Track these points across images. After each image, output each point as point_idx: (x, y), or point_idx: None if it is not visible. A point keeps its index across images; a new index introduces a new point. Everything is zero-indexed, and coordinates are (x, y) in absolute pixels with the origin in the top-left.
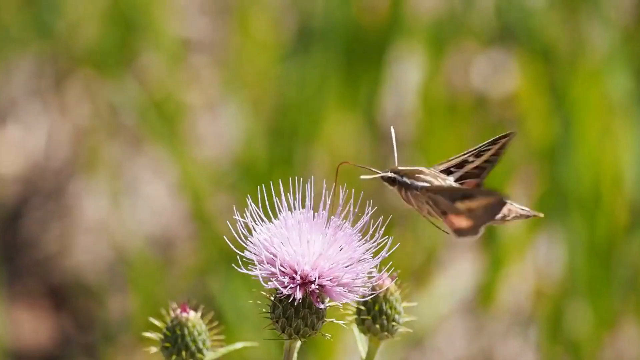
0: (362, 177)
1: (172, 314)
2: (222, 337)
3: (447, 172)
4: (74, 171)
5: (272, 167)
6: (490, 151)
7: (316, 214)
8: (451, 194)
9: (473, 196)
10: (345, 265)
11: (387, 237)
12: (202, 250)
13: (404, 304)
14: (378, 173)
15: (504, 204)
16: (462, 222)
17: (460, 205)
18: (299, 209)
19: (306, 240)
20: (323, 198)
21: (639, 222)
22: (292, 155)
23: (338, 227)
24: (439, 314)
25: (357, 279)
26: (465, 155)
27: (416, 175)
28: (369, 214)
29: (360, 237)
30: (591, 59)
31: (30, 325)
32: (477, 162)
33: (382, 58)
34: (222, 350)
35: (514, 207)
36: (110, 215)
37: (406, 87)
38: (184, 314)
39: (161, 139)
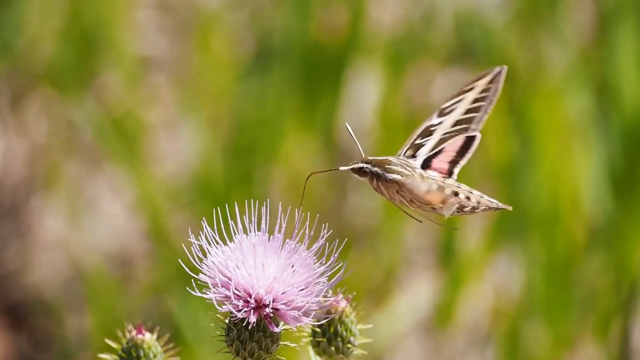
0: (341, 168)
1: (127, 335)
2: (178, 358)
3: (417, 146)
4: (32, 189)
5: (230, 185)
6: (471, 93)
7: (272, 236)
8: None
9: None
10: (300, 288)
11: (342, 260)
12: (160, 268)
13: (360, 326)
14: (347, 167)
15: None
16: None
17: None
18: (255, 232)
19: (261, 264)
20: (279, 221)
21: (597, 241)
22: (250, 174)
23: (293, 250)
24: (398, 333)
25: (311, 302)
26: (426, 122)
27: (386, 165)
28: (324, 237)
29: (316, 260)
30: (550, 78)
31: None
32: (451, 118)
33: (341, 76)
34: None
35: (483, 199)
36: (69, 233)
37: (365, 106)
38: (140, 336)
39: (120, 157)
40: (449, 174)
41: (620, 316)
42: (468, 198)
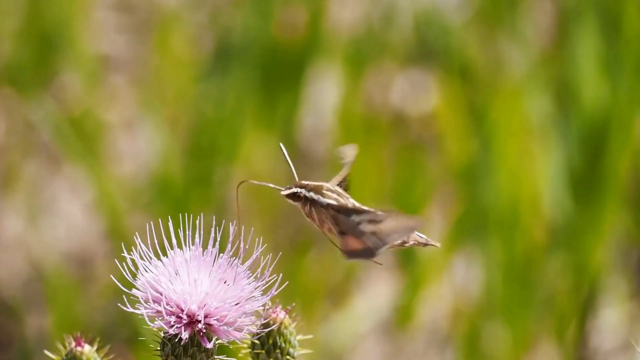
0: (251, 181)
1: (67, 347)
2: None
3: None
4: None
5: (189, 186)
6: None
7: (206, 251)
8: (359, 216)
9: (384, 220)
10: (234, 303)
11: (277, 273)
12: (117, 269)
13: (299, 337)
14: (281, 189)
15: (416, 228)
16: (359, 245)
17: (367, 227)
18: (189, 247)
19: (193, 279)
20: (212, 234)
21: (556, 242)
22: (210, 174)
23: (227, 264)
24: (357, 334)
25: (244, 317)
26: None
27: (322, 191)
28: (260, 251)
29: (250, 274)
30: (510, 79)
31: None
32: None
33: (300, 76)
34: None
35: (413, 234)
36: (28, 233)
37: (324, 106)
38: (79, 348)
39: (79, 157)
40: None
41: (579, 317)
42: None
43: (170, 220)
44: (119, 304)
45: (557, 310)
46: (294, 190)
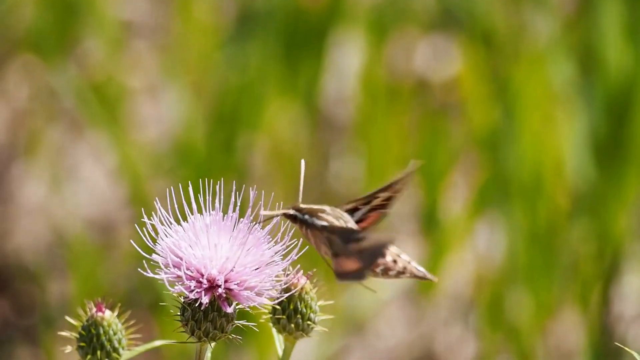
0: (263, 212)
1: (88, 312)
2: (139, 335)
3: (355, 209)
4: (13, 155)
5: (212, 152)
6: (397, 184)
7: (227, 216)
8: (345, 235)
9: (364, 238)
10: (254, 268)
11: (296, 239)
12: (139, 234)
13: (320, 303)
14: (279, 212)
15: (387, 246)
16: (352, 265)
17: (353, 246)
18: (209, 212)
19: (214, 244)
20: (233, 199)
21: (579, 209)
22: (232, 141)
23: (248, 229)
24: (380, 300)
25: (265, 282)
26: (375, 192)
27: (318, 213)
28: (279, 216)
29: (271, 239)
30: (533, 45)
31: None
32: (383, 195)
33: (323, 43)
34: (139, 349)
35: (410, 265)
36: (50, 199)
37: (347, 73)
38: (99, 313)
39: (101, 123)
40: None
41: (603, 283)
42: (395, 262)
43: (190, 185)
44: (139, 269)
45: (580, 277)
46: (290, 212)
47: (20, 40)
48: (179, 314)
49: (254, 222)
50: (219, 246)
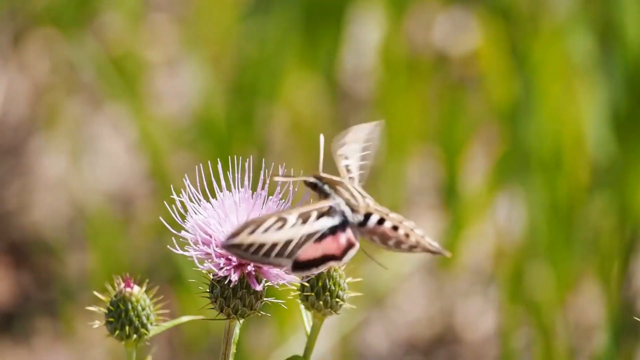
0: (275, 178)
1: (116, 287)
2: (167, 311)
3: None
4: (32, 128)
5: (232, 125)
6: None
7: (255, 193)
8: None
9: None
10: None
11: None
12: (160, 208)
13: (349, 280)
14: (301, 178)
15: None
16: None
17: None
18: (238, 189)
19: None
20: (262, 177)
21: (600, 182)
22: (251, 113)
23: (277, 207)
24: (401, 274)
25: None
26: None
27: (337, 186)
28: (309, 194)
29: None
30: (552, 18)
31: None
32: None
33: (342, 16)
34: (167, 325)
35: (423, 240)
36: (70, 173)
37: (366, 46)
38: (128, 289)
39: (120, 97)
40: None
41: (623, 257)
42: (407, 235)
43: (219, 162)
44: (168, 246)
45: (600, 250)
46: (312, 180)
47: (39, 14)
48: (207, 290)
49: (283, 200)
50: None
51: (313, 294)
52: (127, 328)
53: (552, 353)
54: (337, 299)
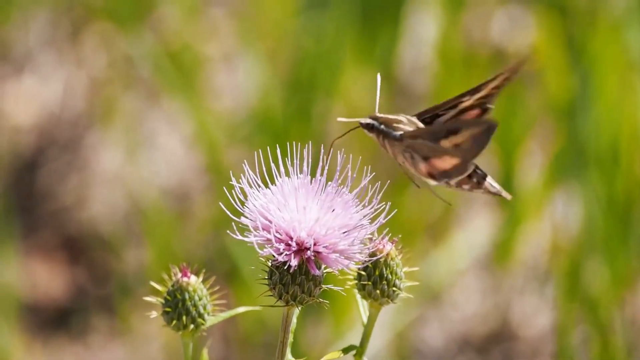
0: (339, 119)
1: (173, 277)
2: (224, 301)
3: (435, 116)
4: (90, 123)
5: (289, 120)
6: (492, 83)
7: (314, 179)
8: (433, 134)
9: (458, 129)
10: (342, 231)
11: (384, 202)
12: (217, 203)
13: (405, 269)
14: (355, 120)
15: (493, 129)
16: (447, 163)
17: (445, 143)
18: (297, 174)
19: (302, 207)
20: (321, 163)
21: None
22: (308, 108)
23: (336, 192)
24: (456, 270)
25: (353, 245)
26: (458, 96)
27: (394, 124)
28: (367, 179)
29: (358, 202)
30: (609, 13)
31: (45, 277)
32: (474, 98)
33: (399, 11)
34: (224, 315)
35: (485, 181)
36: (126, 167)
37: (424, 41)
38: (185, 279)
39: (177, 91)
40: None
41: None
42: (470, 176)
43: (277, 149)
44: (227, 231)
45: None
46: (368, 121)
47: (97, 8)
48: (265, 278)
49: (342, 186)
50: (307, 209)
51: (370, 282)
52: (184, 318)
53: (609, 350)
54: (394, 288)
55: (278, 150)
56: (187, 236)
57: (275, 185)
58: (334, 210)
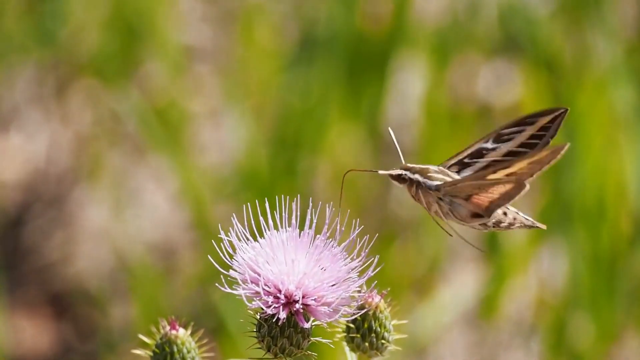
0: (381, 172)
1: (161, 331)
2: (212, 354)
3: (461, 164)
4: (76, 179)
5: (274, 176)
6: (530, 129)
7: (303, 232)
8: (478, 175)
9: (510, 163)
10: (331, 284)
11: (374, 255)
12: (203, 258)
13: (395, 322)
14: (387, 172)
15: (559, 153)
16: (496, 193)
17: (495, 175)
18: (285, 228)
19: (291, 260)
20: (309, 216)
21: None
22: (294, 164)
23: (324, 245)
24: (442, 324)
25: (341, 298)
26: (480, 142)
27: (427, 174)
28: (356, 232)
29: (347, 255)
30: (595, 70)
31: (31, 332)
32: (506, 147)
33: (385, 67)
34: None
35: (519, 216)
36: (112, 223)
37: (409, 97)
38: (173, 331)
39: (163, 147)
40: None
41: None
42: (505, 214)
43: (266, 202)
44: (216, 284)
45: None
46: (400, 172)
47: (83, 65)
48: (253, 330)
49: (330, 239)
50: (296, 262)
51: (359, 335)
52: None
53: None
54: (383, 341)
55: (266, 204)
56: (173, 292)
57: (264, 238)
58: (322, 267)
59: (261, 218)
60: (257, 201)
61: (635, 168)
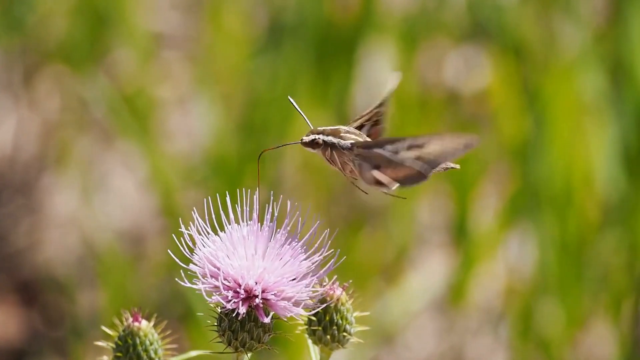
0: (267, 149)
1: (124, 322)
2: (175, 345)
3: (361, 126)
4: (43, 166)
5: (243, 162)
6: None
7: (264, 226)
8: (394, 144)
9: (428, 142)
10: (291, 278)
11: (336, 248)
12: (172, 245)
13: (356, 314)
14: (299, 140)
15: (471, 146)
16: (398, 173)
17: (408, 153)
18: (246, 221)
19: (251, 254)
20: (270, 209)
21: (610, 220)
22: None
23: (285, 239)
24: (410, 312)
25: (301, 292)
26: (374, 108)
27: (340, 134)
28: (316, 226)
29: (308, 249)
30: (563, 57)
31: None
32: (379, 111)
33: (353, 54)
34: (175, 359)
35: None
36: (80, 210)
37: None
38: (136, 324)
39: (132, 134)
40: None
41: (633, 295)
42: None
43: (227, 195)
44: (176, 279)
45: (611, 288)
46: (312, 137)
47: (51, 51)
48: (215, 324)
49: (291, 233)
50: (256, 256)
51: (320, 328)
52: None
53: None
54: (345, 333)
55: (227, 197)
56: (141, 279)
57: (225, 232)
58: (281, 258)
59: (222, 212)
60: (217, 195)
61: (602, 154)
